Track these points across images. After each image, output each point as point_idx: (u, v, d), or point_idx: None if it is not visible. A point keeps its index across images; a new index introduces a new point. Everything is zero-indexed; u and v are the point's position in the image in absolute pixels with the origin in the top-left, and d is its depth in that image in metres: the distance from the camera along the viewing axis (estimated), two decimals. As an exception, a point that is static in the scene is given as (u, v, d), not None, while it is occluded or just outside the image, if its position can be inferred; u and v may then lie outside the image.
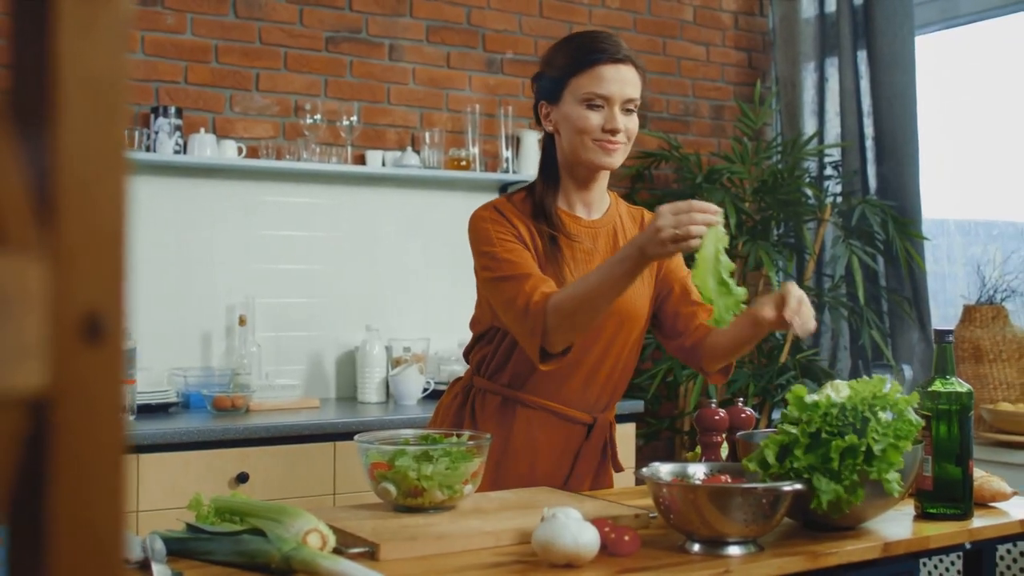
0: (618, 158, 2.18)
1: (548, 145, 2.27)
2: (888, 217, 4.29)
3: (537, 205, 2.22)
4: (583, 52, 2.16)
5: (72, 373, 0.45)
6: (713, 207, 1.84)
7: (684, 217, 1.82)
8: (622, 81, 2.15)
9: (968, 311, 4.04)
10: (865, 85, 4.60)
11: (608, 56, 2.14)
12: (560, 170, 2.24)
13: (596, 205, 2.28)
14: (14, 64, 0.45)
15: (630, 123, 2.18)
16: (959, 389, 1.95)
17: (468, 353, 2.34)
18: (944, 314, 4.55)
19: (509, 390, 2.22)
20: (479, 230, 2.17)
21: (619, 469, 2.33)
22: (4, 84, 0.45)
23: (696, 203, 1.84)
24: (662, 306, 2.30)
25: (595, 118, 2.14)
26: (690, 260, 1.92)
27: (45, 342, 0.44)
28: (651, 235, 1.85)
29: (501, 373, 2.23)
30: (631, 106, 2.17)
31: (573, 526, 1.59)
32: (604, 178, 2.26)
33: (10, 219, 0.43)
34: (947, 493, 1.94)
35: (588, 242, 2.23)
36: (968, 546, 1.95)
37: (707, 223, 1.82)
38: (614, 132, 2.14)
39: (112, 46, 0.46)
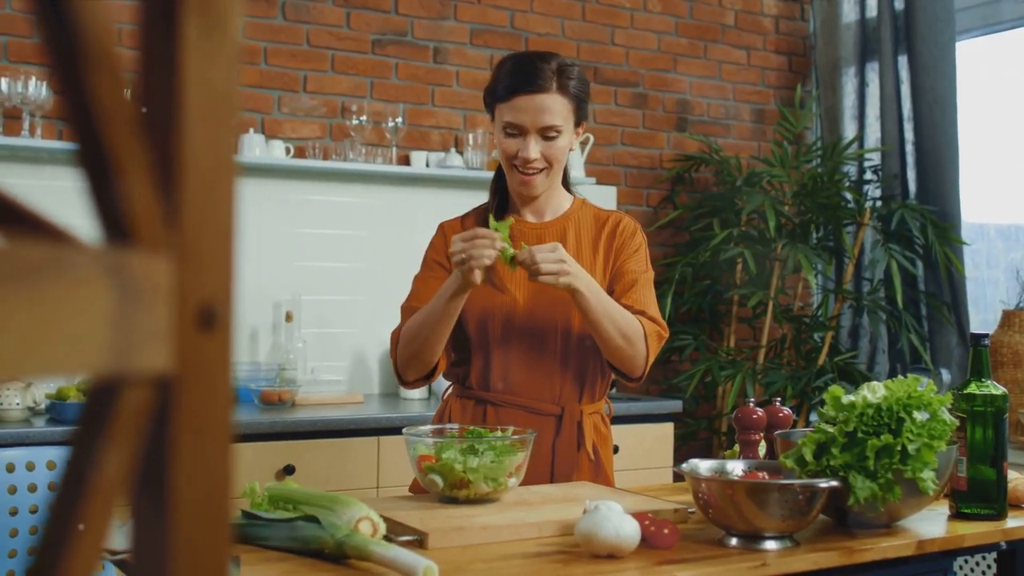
0: (538, 185, 2.29)
1: None
2: (927, 222, 4.30)
3: (483, 218, 2.35)
4: (503, 82, 2.26)
5: (190, 357, 0.52)
6: (493, 234, 2.03)
7: (467, 244, 2.03)
8: (537, 111, 2.22)
9: (1007, 316, 4.05)
10: (906, 90, 4.62)
11: (524, 88, 2.22)
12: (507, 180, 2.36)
13: (547, 210, 2.37)
14: (145, 87, 0.51)
15: (551, 148, 2.25)
16: (994, 392, 1.99)
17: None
18: (984, 319, 4.55)
19: (479, 392, 2.30)
20: (425, 251, 2.41)
21: (592, 460, 2.30)
22: (126, 106, 0.51)
23: (480, 230, 2.04)
24: None
25: (513, 145, 2.25)
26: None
27: (169, 329, 0.51)
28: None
29: (468, 378, 2.31)
30: (551, 132, 2.23)
31: (615, 518, 1.64)
32: (551, 187, 2.33)
33: (144, 221, 0.49)
34: (981, 494, 1.98)
35: (532, 242, 2.29)
36: (1003, 545, 1.98)
37: (488, 250, 2.01)
38: (527, 161, 2.24)
39: (228, 69, 0.52)
